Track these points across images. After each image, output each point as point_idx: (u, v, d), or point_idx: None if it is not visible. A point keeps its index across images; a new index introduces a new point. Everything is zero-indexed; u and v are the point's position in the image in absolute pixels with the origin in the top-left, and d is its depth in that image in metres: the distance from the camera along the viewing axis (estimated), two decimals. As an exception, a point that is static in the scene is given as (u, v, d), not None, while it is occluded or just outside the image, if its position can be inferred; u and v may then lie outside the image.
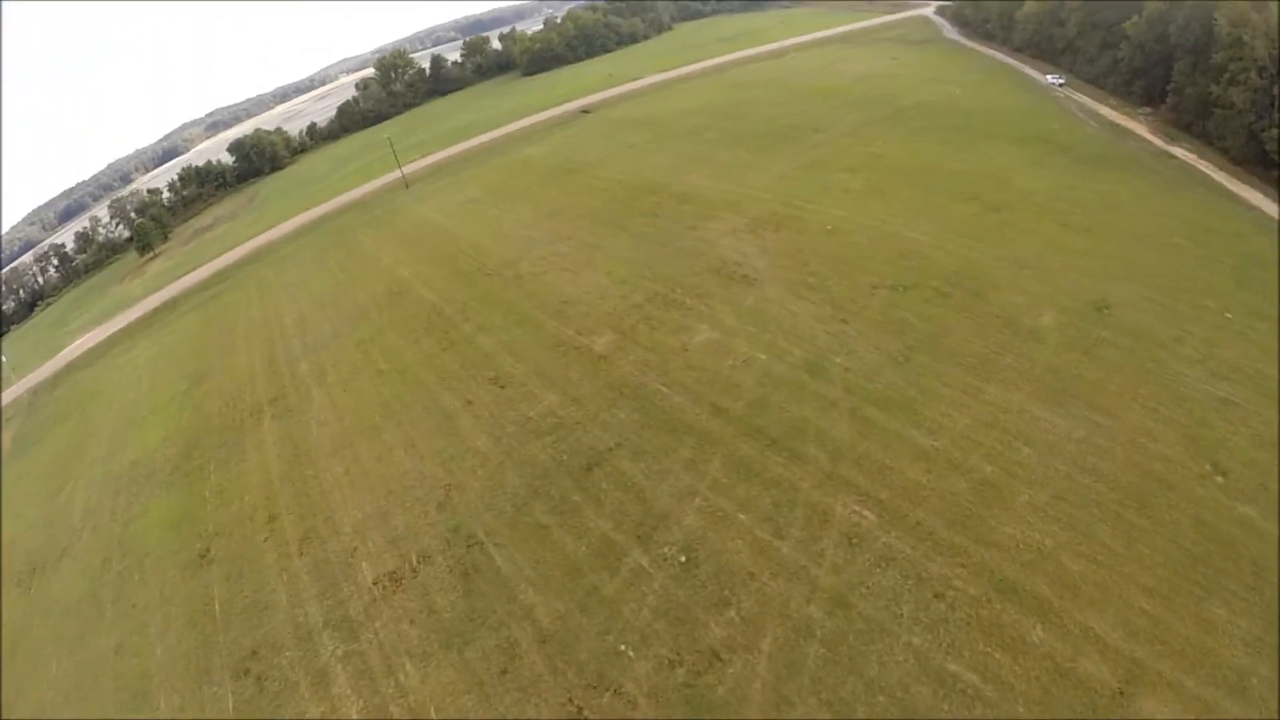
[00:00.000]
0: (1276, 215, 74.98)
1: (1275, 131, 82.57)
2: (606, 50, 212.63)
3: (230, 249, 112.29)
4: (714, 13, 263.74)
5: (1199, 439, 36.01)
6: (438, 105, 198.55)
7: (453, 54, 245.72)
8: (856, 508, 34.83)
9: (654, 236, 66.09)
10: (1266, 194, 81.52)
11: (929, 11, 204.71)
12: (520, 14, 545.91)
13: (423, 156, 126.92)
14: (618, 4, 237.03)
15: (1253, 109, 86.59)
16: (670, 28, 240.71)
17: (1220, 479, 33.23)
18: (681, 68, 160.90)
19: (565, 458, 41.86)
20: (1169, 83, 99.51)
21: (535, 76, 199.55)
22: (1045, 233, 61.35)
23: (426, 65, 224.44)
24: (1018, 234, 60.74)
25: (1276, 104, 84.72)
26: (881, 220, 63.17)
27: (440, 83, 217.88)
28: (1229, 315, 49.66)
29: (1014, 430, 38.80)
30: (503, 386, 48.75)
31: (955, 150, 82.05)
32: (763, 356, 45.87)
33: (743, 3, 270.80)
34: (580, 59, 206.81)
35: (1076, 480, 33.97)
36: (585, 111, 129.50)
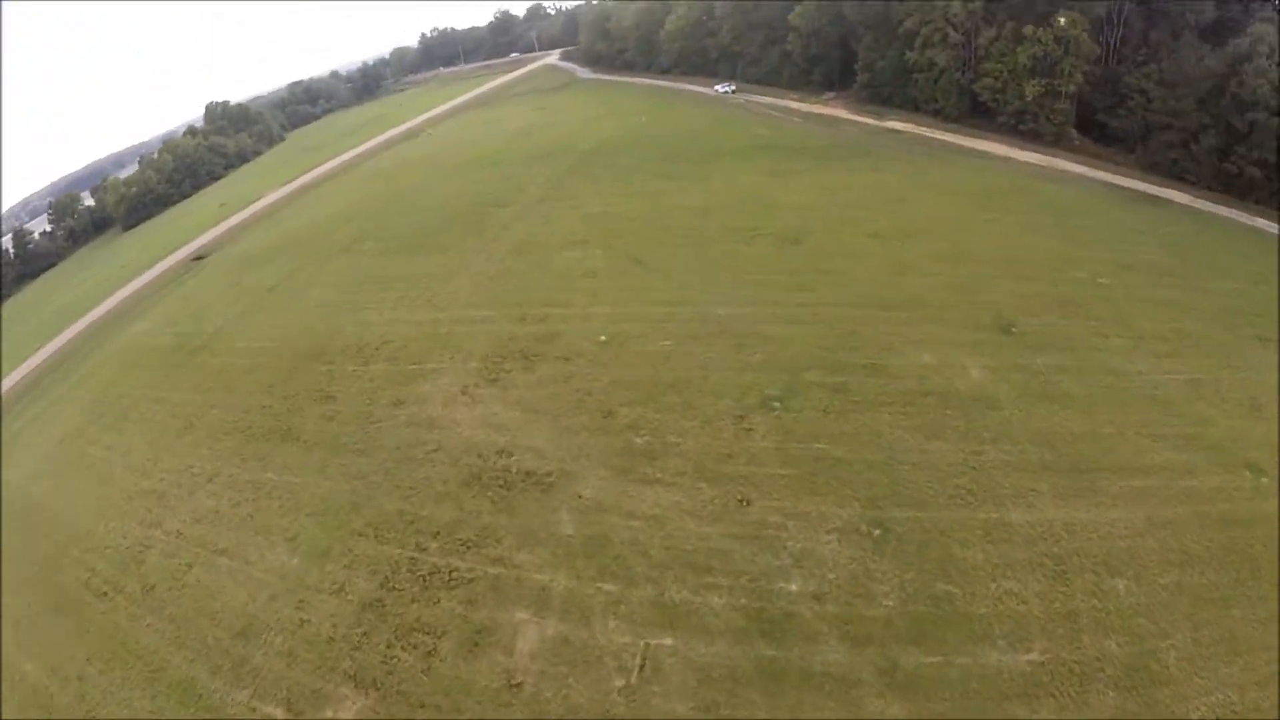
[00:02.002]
0: (1018, 157, 79.61)
1: (989, 81, 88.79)
2: (215, 177, 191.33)
3: None
4: (325, 113, 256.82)
5: (1214, 444, 34.48)
6: (30, 292, 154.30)
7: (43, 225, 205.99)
8: None
9: (344, 438, 44.53)
10: (997, 141, 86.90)
11: (553, 59, 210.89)
12: (119, 162, 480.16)
13: (7, 373, 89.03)
14: (220, 123, 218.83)
15: (957, 66, 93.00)
16: (283, 138, 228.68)
17: (1265, 479, 32.26)
18: (308, 173, 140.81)
19: None
20: (854, 62, 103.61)
21: (139, 227, 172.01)
22: (864, 252, 53.68)
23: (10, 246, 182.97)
24: (841, 263, 51.71)
25: (975, 56, 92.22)
26: (670, 302, 49.19)
27: (29, 263, 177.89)
28: (1103, 280, 49.29)
29: (1086, 564, 27.90)
30: None
31: (684, 183, 73.13)
32: (668, 642, 25.84)
33: (354, 97, 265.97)
34: (187, 194, 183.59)
35: (1187, 584, 27.72)
36: (198, 258, 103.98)
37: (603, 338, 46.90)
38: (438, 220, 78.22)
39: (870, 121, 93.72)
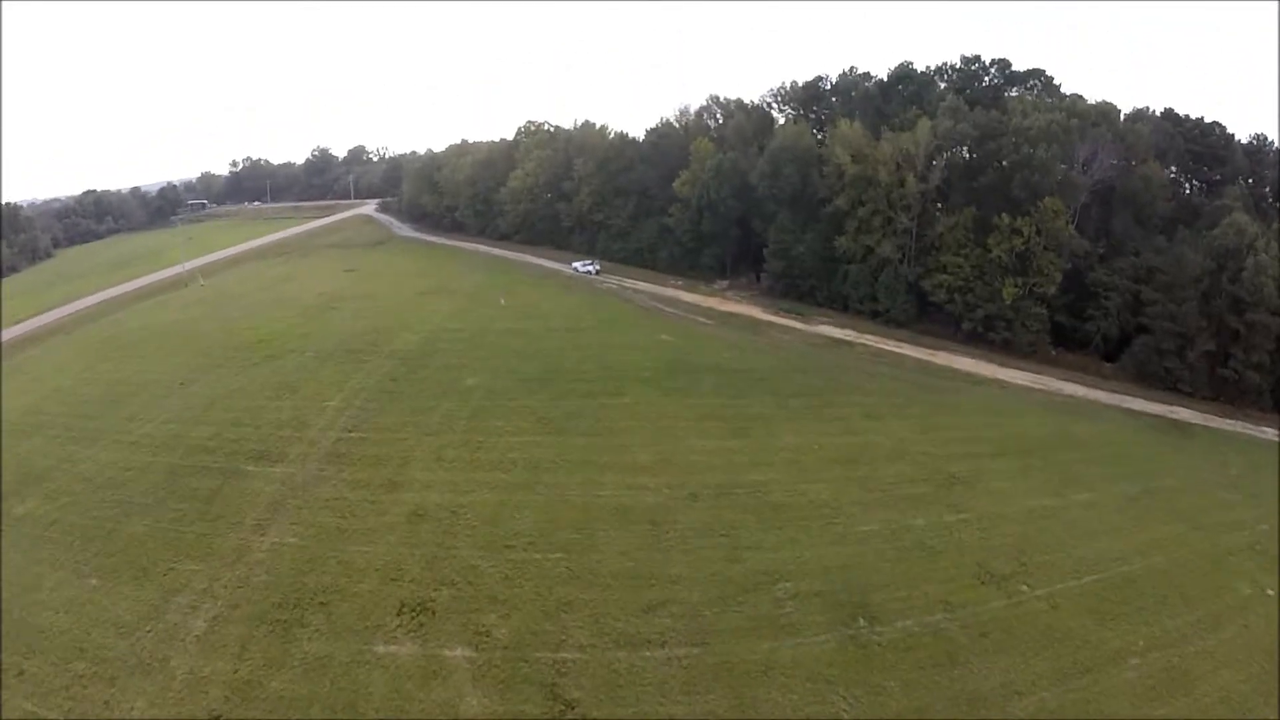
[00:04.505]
0: (1007, 378, 58.19)
1: (945, 278, 64.21)
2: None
3: None
4: (110, 233, 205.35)
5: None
6: None
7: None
8: None
9: None
10: (965, 354, 65.00)
11: (370, 209, 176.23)
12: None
13: None
14: None
15: (904, 258, 68.13)
16: (51, 254, 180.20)
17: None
18: (42, 316, 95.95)
19: None
20: (757, 245, 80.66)
21: None
22: (1010, 632, 26.50)
23: None
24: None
25: (920, 247, 69.35)
26: None
27: None
28: (1270, 593, 32.37)
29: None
30: None
31: (585, 441, 41.50)
32: None
33: (147, 220, 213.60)
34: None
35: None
36: None
37: None
38: (150, 472, 41.77)
39: (798, 325, 68.49)
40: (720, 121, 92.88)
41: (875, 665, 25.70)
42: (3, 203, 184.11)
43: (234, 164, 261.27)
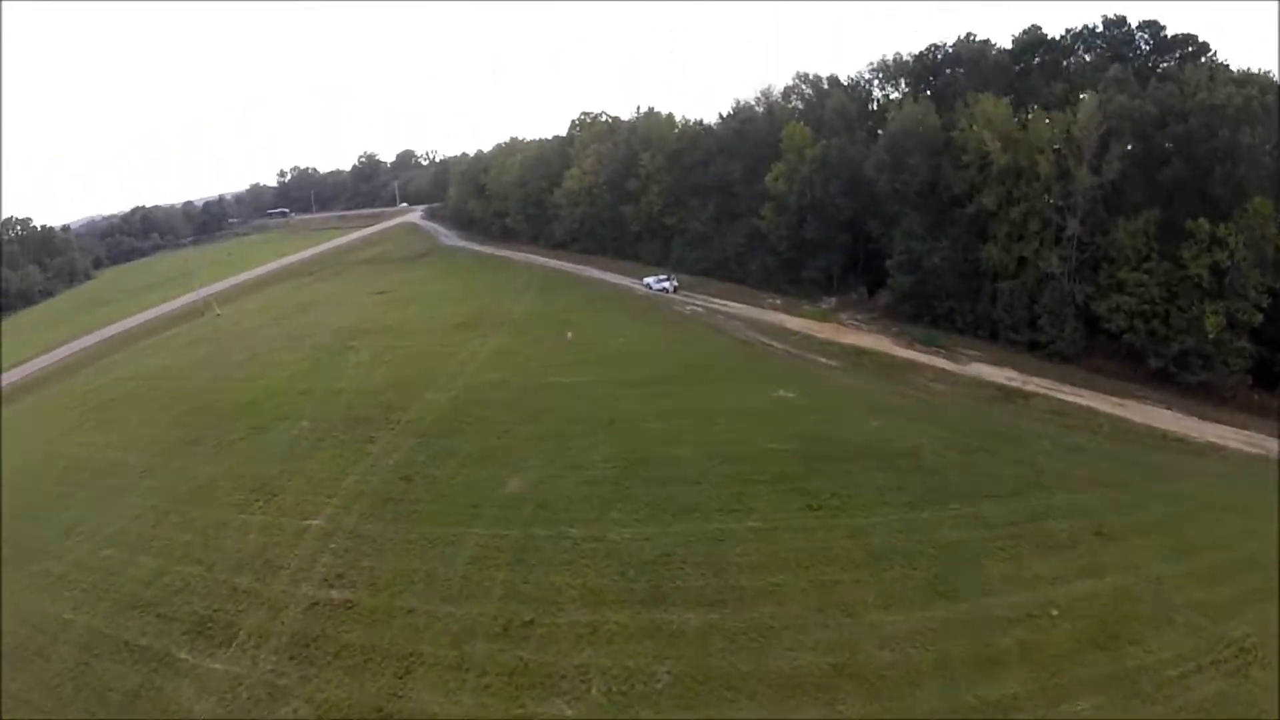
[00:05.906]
0: (1220, 440, 43.24)
1: (1126, 300, 49.03)
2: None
3: None
4: (155, 249, 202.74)
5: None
6: None
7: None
8: None
9: None
10: (1154, 401, 48.01)
11: (415, 217, 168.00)
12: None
13: None
14: (11, 247, 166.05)
15: (1066, 274, 52.74)
16: (91, 276, 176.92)
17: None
18: (41, 359, 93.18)
19: None
20: (871, 252, 66.11)
21: None
22: None
23: None
24: None
25: (1073, 265, 52.15)
26: None
27: None
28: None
29: None
30: None
31: (710, 651, 27.28)
32: None
33: (191, 236, 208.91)
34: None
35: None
36: None
37: None
38: (64, 641, 29.62)
39: (948, 367, 53.77)
40: (807, 103, 77.31)
41: None
42: (34, 223, 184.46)
43: (281, 174, 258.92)
